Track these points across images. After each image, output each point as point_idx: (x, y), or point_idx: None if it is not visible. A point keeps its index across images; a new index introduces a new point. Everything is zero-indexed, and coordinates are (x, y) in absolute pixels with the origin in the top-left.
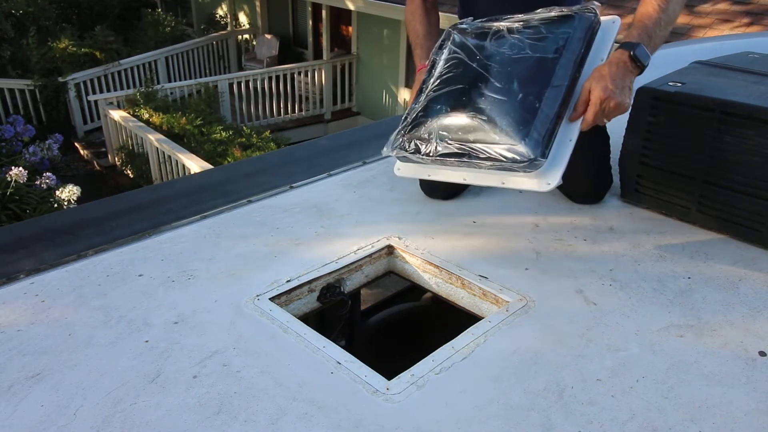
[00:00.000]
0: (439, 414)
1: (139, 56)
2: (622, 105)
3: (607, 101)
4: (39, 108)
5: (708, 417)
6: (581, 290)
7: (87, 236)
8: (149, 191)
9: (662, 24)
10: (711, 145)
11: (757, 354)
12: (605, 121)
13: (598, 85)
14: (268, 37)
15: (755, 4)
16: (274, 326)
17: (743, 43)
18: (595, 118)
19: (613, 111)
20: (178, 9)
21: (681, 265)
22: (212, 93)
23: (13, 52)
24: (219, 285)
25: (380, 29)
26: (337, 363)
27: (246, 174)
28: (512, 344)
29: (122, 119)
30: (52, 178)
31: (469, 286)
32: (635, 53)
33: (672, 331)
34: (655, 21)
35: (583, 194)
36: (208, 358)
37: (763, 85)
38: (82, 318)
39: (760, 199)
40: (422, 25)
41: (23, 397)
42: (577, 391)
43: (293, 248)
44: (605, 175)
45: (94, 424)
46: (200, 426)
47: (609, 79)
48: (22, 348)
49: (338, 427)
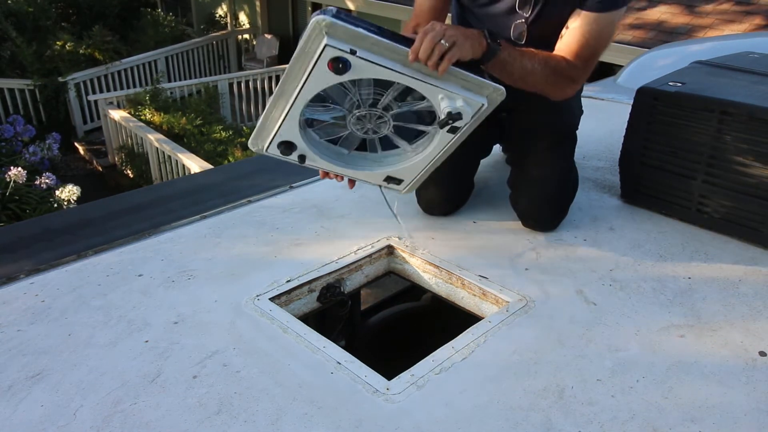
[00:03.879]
0: (439, 414)
1: (139, 56)
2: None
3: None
4: (39, 108)
5: (708, 417)
6: (581, 290)
7: (87, 236)
8: (149, 191)
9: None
10: (711, 145)
11: (757, 354)
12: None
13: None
14: (268, 37)
15: (755, 4)
16: (274, 326)
17: (743, 43)
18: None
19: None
20: (178, 9)
21: (681, 265)
22: (212, 93)
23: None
24: (219, 285)
25: None
26: (337, 363)
27: (246, 174)
28: (512, 344)
29: (122, 119)
30: (52, 178)
31: (469, 286)
32: (489, 35)
33: (672, 331)
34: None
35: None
36: (208, 358)
37: (763, 85)
38: (82, 318)
39: (759, 199)
40: None
41: (23, 397)
42: (577, 391)
43: (293, 248)
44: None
45: (94, 424)
46: (200, 426)
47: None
48: (22, 348)
49: (338, 427)
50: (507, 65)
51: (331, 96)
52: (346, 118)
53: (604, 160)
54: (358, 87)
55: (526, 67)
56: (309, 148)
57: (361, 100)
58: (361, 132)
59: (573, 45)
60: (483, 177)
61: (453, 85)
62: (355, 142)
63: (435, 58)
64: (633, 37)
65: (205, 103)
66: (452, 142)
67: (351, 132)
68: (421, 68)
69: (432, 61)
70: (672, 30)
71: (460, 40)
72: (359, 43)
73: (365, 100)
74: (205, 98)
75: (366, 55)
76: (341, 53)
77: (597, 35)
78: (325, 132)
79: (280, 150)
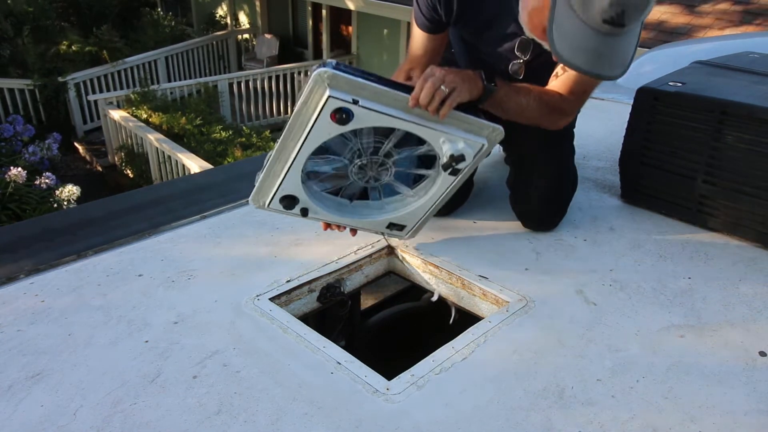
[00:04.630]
0: (439, 414)
1: (139, 56)
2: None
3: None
4: (39, 108)
5: (708, 417)
6: (581, 290)
7: (87, 236)
8: (149, 191)
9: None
10: (711, 145)
11: (757, 354)
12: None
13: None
14: (268, 36)
15: (755, 4)
16: (274, 326)
17: (743, 43)
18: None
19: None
20: (178, 9)
21: (681, 265)
22: (212, 93)
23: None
24: (219, 285)
25: (380, 29)
26: (337, 363)
27: (246, 174)
28: (512, 344)
29: (122, 119)
30: (52, 178)
31: (469, 286)
32: (485, 77)
33: (672, 331)
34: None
35: (530, 219)
36: (208, 358)
37: (763, 85)
38: (82, 318)
39: (759, 199)
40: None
41: (23, 397)
42: (577, 391)
43: (293, 248)
44: (558, 203)
45: (94, 424)
46: (200, 426)
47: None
48: (22, 348)
49: (338, 427)
50: (503, 103)
51: (332, 147)
52: (348, 168)
53: (604, 160)
54: (359, 136)
55: (522, 104)
56: (311, 200)
57: (362, 148)
58: (362, 181)
59: (566, 81)
60: (483, 177)
61: (453, 128)
62: (357, 191)
63: (436, 104)
64: None
65: (205, 103)
66: (454, 184)
67: (352, 182)
68: (422, 114)
69: (433, 107)
70: (672, 30)
71: (459, 84)
72: (361, 92)
73: (366, 149)
74: (205, 98)
75: (368, 104)
76: (344, 104)
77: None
78: (326, 184)
79: (283, 205)
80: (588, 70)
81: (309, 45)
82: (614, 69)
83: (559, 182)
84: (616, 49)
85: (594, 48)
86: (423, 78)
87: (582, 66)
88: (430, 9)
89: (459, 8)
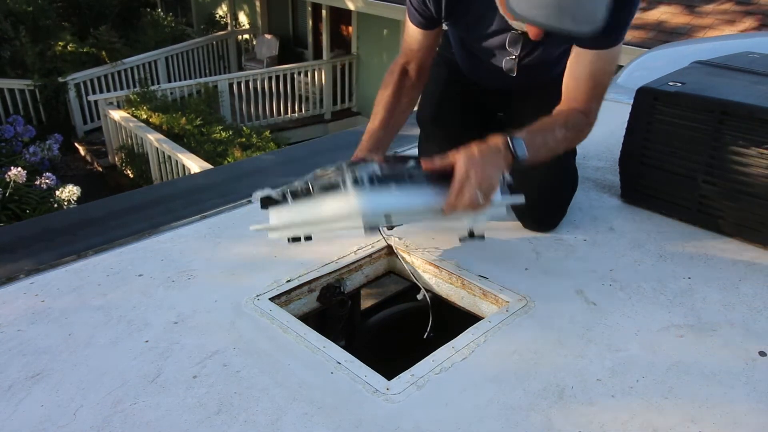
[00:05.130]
0: (439, 414)
1: (139, 56)
2: (488, 178)
3: (473, 170)
4: (39, 108)
5: (708, 417)
6: (581, 290)
7: (87, 236)
8: (149, 191)
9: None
10: (711, 145)
11: (757, 354)
12: (474, 196)
13: (465, 154)
14: (268, 37)
15: (755, 4)
16: (274, 326)
17: (743, 43)
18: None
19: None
20: (178, 9)
21: (681, 265)
22: (212, 93)
23: (12, 52)
24: (219, 285)
25: (380, 29)
26: (337, 363)
27: (246, 174)
28: (512, 344)
29: (122, 119)
30: (52, 178)
31: (469, 286)
32: (512, 143)
33: (672, 331)
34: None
35: (530, 219)
36: (208, 358)
37: (763, 85)
38: (82, 318)
39: (759, 199)
40: (385, 110)
41: (23, 397)
42: (577, 391)
43: (293, 248)
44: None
45: (94, 424)
46: (200, 426)
47: (476, 150)
48: (22, 348)
49: (338, 427)
50: (536, 157)
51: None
52: None
53: (604, 160)
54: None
55: (551, 145)
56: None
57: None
58: None
59: (582, 89)
60: None
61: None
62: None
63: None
64: (633, 37)
65: (205, 103)
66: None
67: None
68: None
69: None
70: (672, 30)
71: (494, 180)
72: (395, 218)
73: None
74: (205, 98)
75: (401, 220)
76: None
77: (603, 72)
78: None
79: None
80: (548, 24)
81: (309, 45)
82: (579, 24)
83: (559, 182)
84: (580, 3)
85: (553, 2)
86: (459, 183)
87: (541, 20)
88: (421, 5)
89: (448, 4)
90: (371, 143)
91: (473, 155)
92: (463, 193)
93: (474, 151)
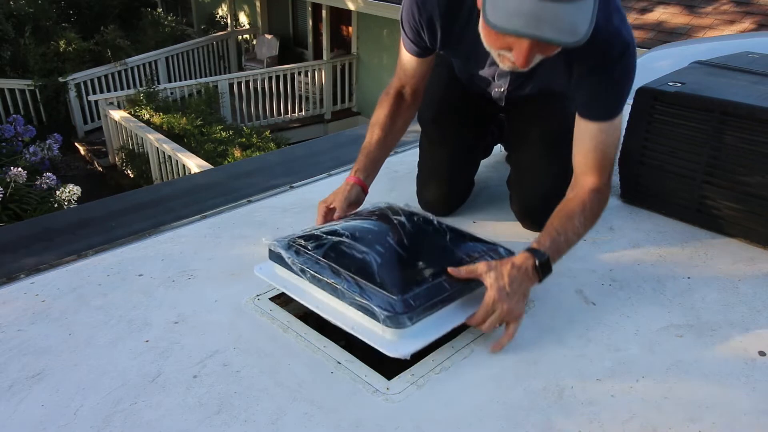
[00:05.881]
0: (439, 414)
1: (140, 56)
2: (513, 312)
3: (500, 303)
4: (39, 108)
5: (708, 417)
6: (581, 290)
7: (87, 236)
8: (149, 191)
9: (571, 243)
10: (711, 145)
11: (757, 354)
12: (496, 325)
13: (495, 284)
14: (268, 37)
15: (755, 4)
16: (274, 326)
17: (743, 43)
18: (485, 317)
19: (505, 315)
20: (178, 9)
21: (681, 265)
22: (212, 93)
23: (13, 52)
24: (219, 285)
25: (380, 29)
26: (337, 363)
27: (246, 174)
28: (512, 344)
29: (122, 119)
30: (52, 178)
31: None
32: (540, 264)
33: (672, 331)
34: (569, 240)
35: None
36: (208, 358)
37: (763, 85)
38: (82, 318)
39: (759, 199)
40: (381, 130)
41: (23, 397)
42: (577, 391)
43: None
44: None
45: (94, 424)
46: (200, 426)
47: (507, 280)
48: (22, 348)
49: (338, 427)
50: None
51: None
52: None
53: None
54: None
55: (573, 240)
56: None
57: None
58: None
59: (591, 164)
60: (483, 177)
61: None
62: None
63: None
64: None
65: (205, 103)
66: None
67: None
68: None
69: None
70: (672, 30)
71: (517, 313)
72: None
73: None
74: (205, 98)
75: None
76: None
77: (611, 141)
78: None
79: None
80: (528, 32)
81: (309, 45)
82: (560, 34)
83: (560, 183)
84: (559, 14)
85: (531, 11)
86: (485, 313)
87: (520, 29)
88: (415, 34)
89: (443, 35)
90: (367, 161)
91: (502, 287)
92: (486, 322)
93: (504, 281)
